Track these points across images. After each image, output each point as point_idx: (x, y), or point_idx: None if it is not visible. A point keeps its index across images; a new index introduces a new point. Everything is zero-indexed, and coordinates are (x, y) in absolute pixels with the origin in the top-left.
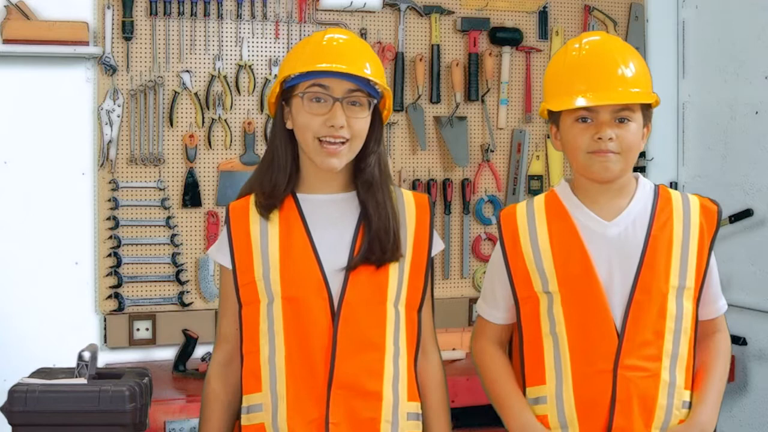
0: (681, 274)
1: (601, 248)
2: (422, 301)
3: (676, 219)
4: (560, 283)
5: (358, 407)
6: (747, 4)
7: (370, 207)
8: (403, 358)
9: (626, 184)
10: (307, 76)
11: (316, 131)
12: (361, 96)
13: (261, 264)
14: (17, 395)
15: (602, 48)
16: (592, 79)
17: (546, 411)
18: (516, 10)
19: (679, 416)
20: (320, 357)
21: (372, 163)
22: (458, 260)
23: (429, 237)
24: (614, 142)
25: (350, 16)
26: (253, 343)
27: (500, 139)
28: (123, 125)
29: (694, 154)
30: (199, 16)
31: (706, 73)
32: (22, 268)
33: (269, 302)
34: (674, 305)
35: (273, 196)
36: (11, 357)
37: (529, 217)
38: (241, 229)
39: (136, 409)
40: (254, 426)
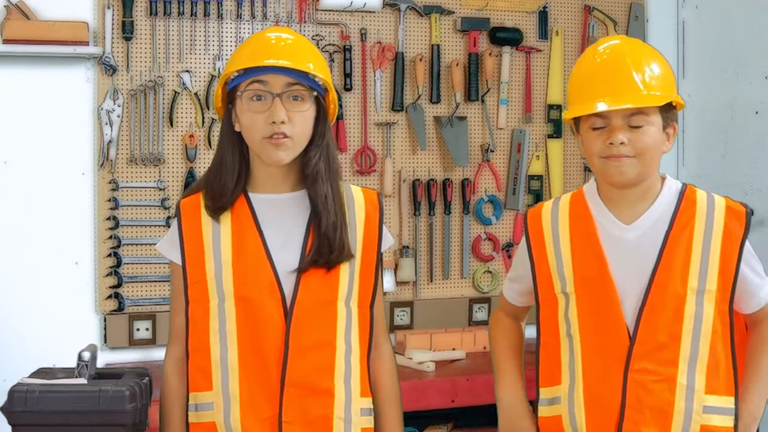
0: (701, 276)
1: (618, 251)
2: (373, 296)
3: (698, 220)
4: (576, 284)
5: (311, 405)
6: (747, 4)
7: (318, 201)
8: (355, 355)
9: (650, 187)
10: (247, 75)
11: (262, 131)
12: (301, 89)
13: (213, 263)
14: (17, 395)
15: (615, 54)
16: (601, 86)
17: (560, 411)
18: (516, 10)
19: (700, 422)
20: (273, 357)
21: (316, 156)
22: (458, 260)
23: (378, 234)
24: (627, 146)
25: (350, 16)
26: (201, 341)
27: (500, 139)
28: (123, 125)
29: (694, 154)
30: (199, 16)
31: (706, 73)
32: (22, 268)
33: (220, 301)
34: (693, 307)
35: (221, 199)
36: (11, 357)
37: (553, 218)
38: (192, 226)
39: (136, 409)
40: (204, 424)
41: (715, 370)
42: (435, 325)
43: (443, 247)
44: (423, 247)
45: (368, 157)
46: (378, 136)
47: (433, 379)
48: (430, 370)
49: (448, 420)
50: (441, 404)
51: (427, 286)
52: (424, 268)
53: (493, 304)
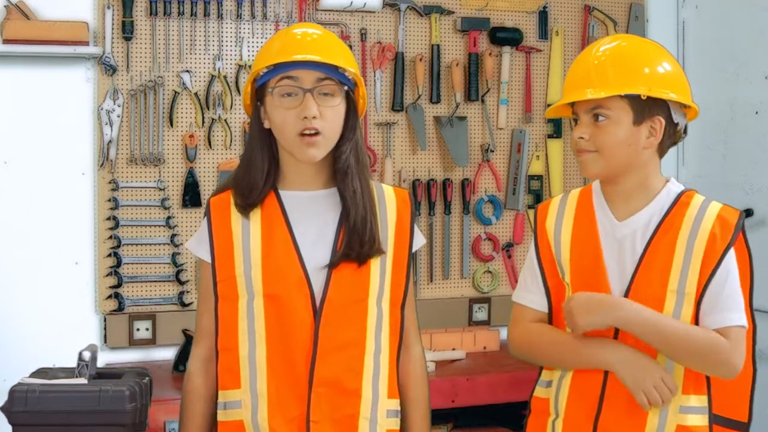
0: (681, 278)
1: (610, 246)
2: (405, 297)
3: (685, 224)
4: (572, 276)
5: (338, 405)
6: (747, 4)
7: (347, 196)
8: (384, 356)
9: (647, 186)
10: (276, 71)
11: (294, 127)
12: (332, 84)
13: (242, 260)
14: (17, 395)
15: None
16: (570, 81)
17: (549, 395)
18: (516, 10)
19: (675, 421)
20: (301, 355)
21: (347, 150)
22: (458, 260)
23: (410, 232)
24: (588, 140)
25: (350, 16)
26: (231, 339)
27: (500, 139)
28: (123, 125)
29: (694, 154)
30: (199, 16)
31: (706, 73)
32: (22, 268)
33: (249, 299)
34: (672, 308)
35: (250, 196)
36: (11, 357)
37: (560, 210)
38: (222, 223)
39: (136, 409)
40: (233, 422)
41: (690, 371)
42: (435, 325)
43: (443, 247)
44: (423, 247)
45: (368, 156)
46: (378, 136)
47: (433, 379)
48: (430, 370)
49: (448, 420)
50: (441, 404)
51: (427, 286)
52: (424, 268)
53: (493, 304)
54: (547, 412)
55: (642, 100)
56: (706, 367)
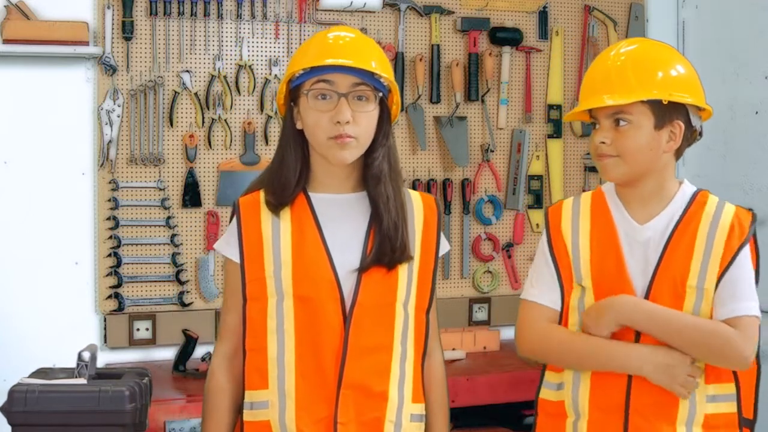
0: (701, 274)
1: (632, 250)
2: (430, 302)
3: (704, 222)
4: (594, 279)
5: (366, 407)
6: (747, 4)
7: (380, 202)
8: (409, 360)
9: (663, 189)
10: (312, 74)
11: (326, 131)
12: (367, 90)
13: (272, 261)
14: (17, 395)
15: (605, 56)
16: (590, 86)
17: (563, 397)
18: (516, 10)
19: (703, 411)
20: (330, 357)
21: (380, 156)
22: (458, 260)
23: (437, 238)
24: (609, 145)
25: (350, 16)
26: (259, 339)
27: (500, 139)
28: (123, 125)
29: (694, 154)
30: (199, 16)
31: (706, 73)
32: (22, 268)
33: (279, 300)
34: (692, 304)
35: (283, 195)
36: (11, 357)
37: (574, 213)
38: (251, 223)
39: (136, 409)
40: (259, 423)
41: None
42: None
43: None
44: None
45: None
46: None
47: None
48: None
49: None
50: None
51: None
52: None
53: (493, 304)
54: (563, 414)
55: (663, 104)
56: (716, 357)
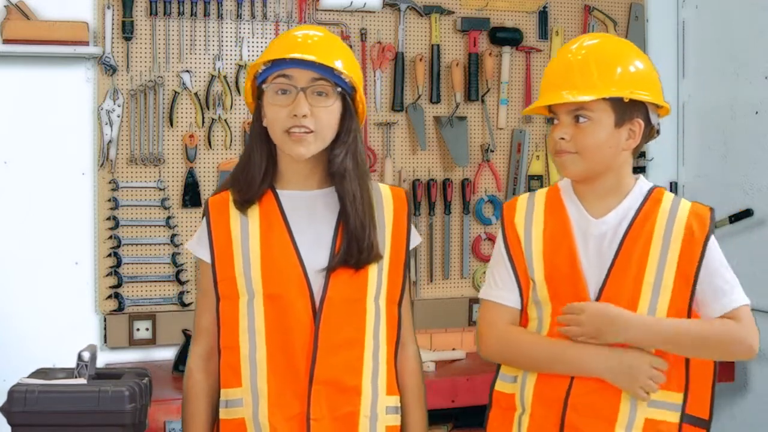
0: (658, 271)
1: (586, 244)
2: (402, 295)
3: (660, 219)
4: (546, 272)
5: (338, 402)
6: (747, 4)
7: (347, 201)
8: (382, 353)
9: (620, 185)
10: (274, 68)
11: (283, 123)
12: (326, 85)
13: (241, 259)
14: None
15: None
16: (550, 82)
17: (514, 390)
18: (516, 10)
19: (644, 415)
20: (301, 354)
21: (342, 153)
22: (458, 260)
23: (407, 231)
24: (568, 141)
25: (350, 16)
26: (232, 338)
27: (500, 139)
28: (123, 125)
29: (694, 154)
30: (199, 16)
31: (706, 73)
32: (22, 268)
33: (249, 298)
34: (647, 302)
35: (249, 192)
36: (11, 357)
37: (528, 208)
38: (220, 223)
39: (136, 409)
40: (234, 420)
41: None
42: (435, 325)
43: (443, 247)
44: (423, 247)
45: (368, 157)
46: (378, 136)
47: (433, 379)
48: (430, 370)
49: (448, 420)
50: (441, 404)
51: (427, 286)
52: (424, 268)
53: None
54: (513, 407)
55: (624, 102)
56: (727, 355)
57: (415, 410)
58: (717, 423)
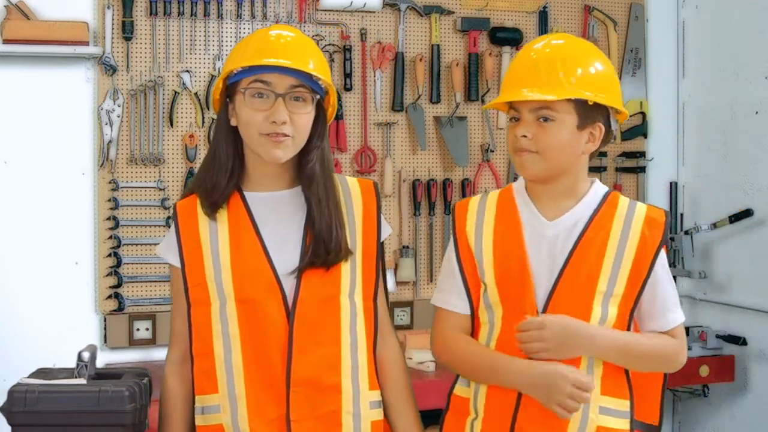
0: (610, 280)
1: (538, 247)
2: (376, 288)
3: (615, 226)
4: (496, 276)
5: (319, 402)
6: (747, 4)
7: (313, 203)
8: (361, 349)
9: (575, 187)
10: (250, 72)
11: (259, 127)
12: (304, 91)
13: (212, 265)
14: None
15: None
16: (512, 79)
17: (468, 394)
18: (516, 10)
19: (596, 422)
20: (277, 357)
21: (314, 158)
22: None
23: (377, 224)
24: (530, 140)
25: (350, 16)
26: (205, 344)
27: (500, 139)
28: (123, 125)
29: (694, 154)
30: (199, 16)
31: (706, 73)
32: (22, 268)
33: (222, 304)
34: (599, 310)
35: (214, 195)
36: (11, 357)
37: (480, 210)
38: (189, 228)
39: (136, 410)
40: (212, 426)
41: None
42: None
43: (443, 247)
44: (423, 247)
45: (368, 157)
46: (378, 136)
47: (433, 379)
48: (430, 370)
49: None
50: (441, 404)
51: (427, 286)
52: (424, 268)
53: None
54: (467, 412)
55: (587, 105)
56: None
57: (400, 400)
58: (717, 423)
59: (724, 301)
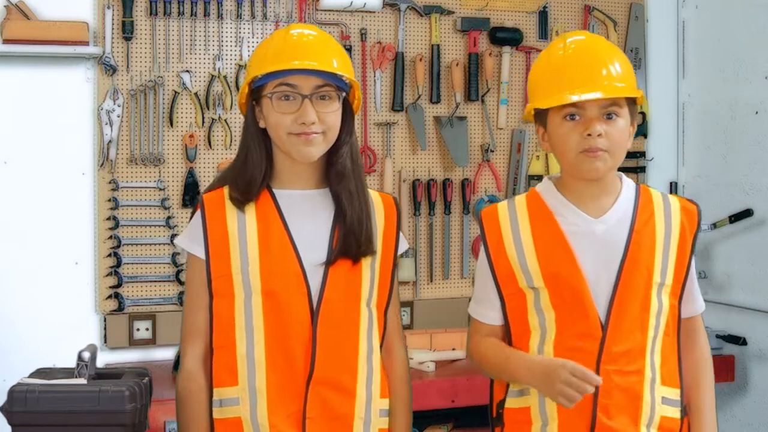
0: (662, 271)
1: (587, 245)
2: (389, 300)
3: (658, 217)
4: (545, 279)
5: (334, 403)
6: (747, 4)
7: (343, 198)
8: (375, 357)
9: (611, 182)
10: (274, 76)
11: (288, 128)
12: (330, 90)
13: (239, 257)
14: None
15: (586, 46)
16: (578, 75)
17: (528, 403)
18: (516, 10)
19: (660, 412)
20: (300, 352)
21: (344, 154)
22: (458, 260)
23: (396, 237)
24: (603, 138)
25: (350, 16)
26: (226, 336)
27: (500, 139)
28: (123, 125)
29: (694, 154)
30: (199, 16)
31: (706, 73)
32: (22, 268)
33: (246, 297)
34: (656, 300)
35: (249, 191)
36: (11, 357)
37: (512, 216)
38: (216, 220)
39: (136, 409)
40: (229, 420)
41: (666, 363)
42: (435, 325)
43: (443, 247)
44: (423, 247)
45: (368, 157)
46: (378, 136)
47: (433, 379)
48: (430, 370)
49: (448, 420)
50: (441, 404)
51: (427, 286)
52: (424, 268)
53: None
54: (529, 420)
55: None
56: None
57: (399, 416)
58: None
59: (724, 301)
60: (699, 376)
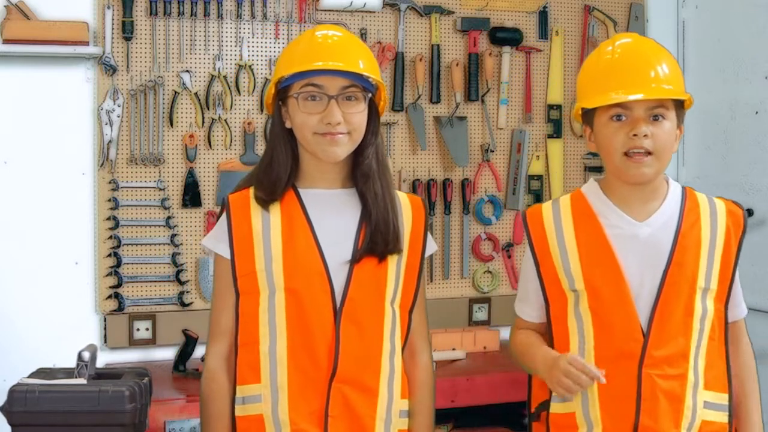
0: (707, 275)
1: (630, 248)
2: (414, 302)
3: (704, 221)
4: (586, 282)
5: (356, 402)
6: (747, 4)
7: (369, 198)
8: (397, 357)
9: (659, 185)
10: (301, 76)
11: (314, 128)
12: (356, 91)
13: (263, 255)
14: (17, 395)
15: (635, 48)
16: (626, 76)
17: (573, 408)
18: (516, 10)
19: (702, 416)
20: (323, 350)
21: (370, 155)
22: (458, 260)
23: (423, 239)
24: (649, 139)
25: (350, 16)
26: (251, 334)
27: (500, 139)
28: (123, 125)
29: (694, 154)
30: (199, 16)
31: (706, 73)
32: (22, 268)
33: (270, 294)
34: (700, 305)
35: (274, 190)
36: (11, 357)
37: (555, 217)
38: (241, 219)
39: (136, 409)
40: (251, 417)
41: (711, 367)
42: (435, 325)
43: (443, 247)
44: None
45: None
46: None
47: None
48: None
49: (448, 420)
50: (441, 404)
51: (427, 286)
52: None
53: (493, 304)
54: (574, 426)
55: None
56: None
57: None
58: None
59: None
60: (744, 380)
